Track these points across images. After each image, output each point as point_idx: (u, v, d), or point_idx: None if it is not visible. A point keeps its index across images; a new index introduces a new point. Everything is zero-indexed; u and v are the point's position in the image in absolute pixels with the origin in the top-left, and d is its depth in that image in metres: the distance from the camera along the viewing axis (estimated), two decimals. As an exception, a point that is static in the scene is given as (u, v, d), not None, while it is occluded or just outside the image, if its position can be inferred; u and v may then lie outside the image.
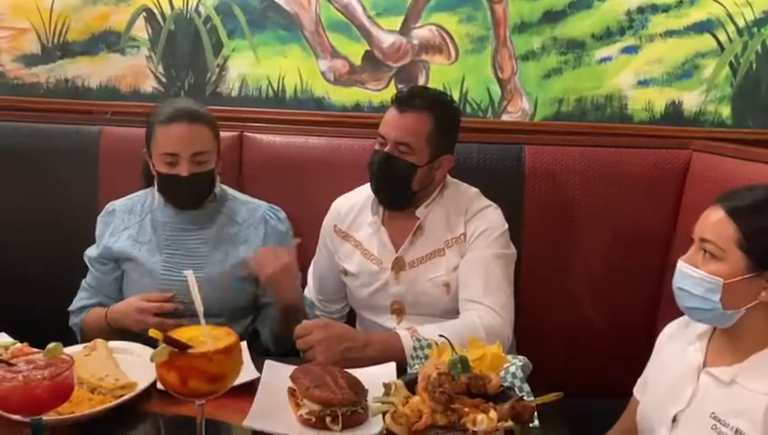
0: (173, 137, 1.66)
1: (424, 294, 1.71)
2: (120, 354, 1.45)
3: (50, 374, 1.01)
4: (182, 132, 1.67)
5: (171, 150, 1.66)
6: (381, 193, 1.72)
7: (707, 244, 1.19)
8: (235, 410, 1.24)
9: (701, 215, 1.25)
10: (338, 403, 1.19)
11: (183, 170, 1.66)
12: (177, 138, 1.66)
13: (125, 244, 1.76)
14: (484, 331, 1.51)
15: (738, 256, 1.16)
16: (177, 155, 1.66)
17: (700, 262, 1.21)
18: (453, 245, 1.70)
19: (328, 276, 1.90)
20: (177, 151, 1.66)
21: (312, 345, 1.45)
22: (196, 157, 1.67)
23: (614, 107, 2.19)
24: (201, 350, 1.04)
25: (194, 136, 1.68)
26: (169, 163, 1.67)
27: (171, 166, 1.67)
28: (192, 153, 1.67)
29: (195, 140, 1.68)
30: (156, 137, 1.69)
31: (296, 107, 2.23)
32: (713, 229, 1.19)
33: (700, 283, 1.19)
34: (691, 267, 1.21)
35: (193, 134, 1.68)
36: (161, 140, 1.68)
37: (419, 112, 1.66)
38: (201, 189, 1.73)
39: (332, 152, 2.10)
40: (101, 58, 2.27)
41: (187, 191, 1.71)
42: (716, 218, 1.19)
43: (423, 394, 0.98)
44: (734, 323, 1.19)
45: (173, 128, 1.67)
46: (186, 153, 1.66)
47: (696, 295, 1.20)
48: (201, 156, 1.68)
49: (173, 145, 1.66)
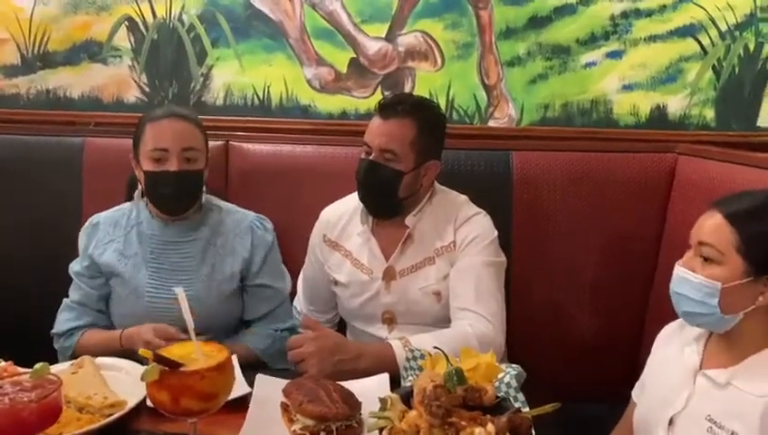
0: (163, 132, 1.66)
1: (415, 303, 1.70)
2: (107, 371, 1.42)
3: (37, 396, 0.99)
4: (173, 127, 1.66)
5: (161, 145, 1.64)
6: (368, 201, 1.72)
7: (706, 248, 1.19)
8: (228, 426, 1.22)
9: (691, 221, 1.26)
10: (332, 418, 1.17)
11: (172, 166, 1.64)
12: (167, 133, 1.65)
13: (111, 257, 1.73)
14: (477, 340, 1.50)
15: (737, 260, 1.16)
16: (166, 150, 1.64)
17: (698, 266, 1.21)
18: (443, 253, 1.70)
19: (317, 287, 1.88)
20: (166, 146, 1.64)
21: (305, 358, 1.44)
22: (186, 152, 1.66)
23: (600, 112, 2.20)
24: (193, 368, 1.02)
25: (184, 132, 1.67)
26: (158, 160, 1.65)
27: (160, 163, 1.65)
28: (182, 148, 1.65)
29: (185, 135, 1.67)
30: (145, 135, 1.67)
31: (282, 115, 2.22)
32: (711, 233, 1.19)
33: (698, 287, 1.19)
34: (689, 272, 1.21)
35: (183, 130, 1.67)
36: (151, 136, 1.66)
37: (402, 119, 1.65)
38: (189, 189, 1.70)
39: (320, 160, 2.09)
40: (83, 68, 2.24)
41: (176, 189, 1.67)
42: (715, 223, 1.20)
43: (419, 408, 0.97)
44: (731, 326, 1.19)
45: (163, 123, 1.67)
46: (175, 148, 1.64)
47: (695, 300, 1.20)
48: (191, 152, 1.67)
49: (163, 140, 1.65)
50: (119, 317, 1.73)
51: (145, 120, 1.70)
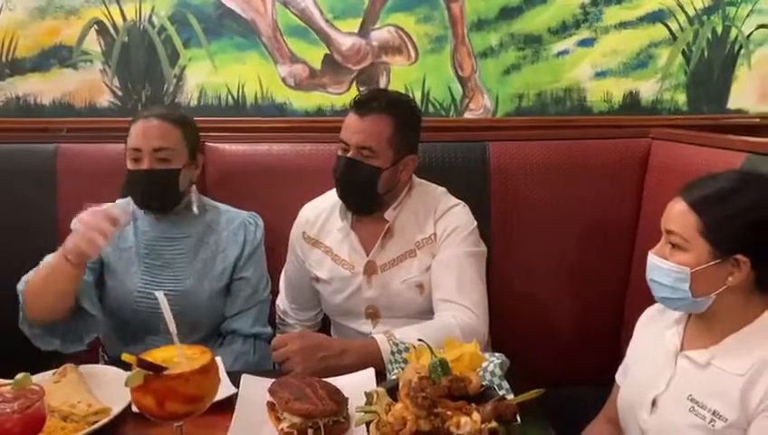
0: (138, 132, 1.68)
1: (397, 296, 1.71)
2: (91, 379, 1.41)
3: (20, 407, 0.98)
4: (148, 127, 1.68)
5: (134, 145, 1.68)
6: (347, 199, 1.72)
7: (673, 235, 1.23)
8: (215, 428, 1.21)
9: (666, 204, 1.28)
10: (319, 414, 1.17)
11: (143, 165, 1.67)
12: (140, 133, 1.68)
13: (106, 248, 1.72)
14: (460, 330, 1.51)
15: (702, 245, 1.19)
16: (140, 150, 1.67)
17: (668, 253, 1.24)
18: (423, 245, 1.71)
19: (299, 284, 1.88)
20: (139, 146, 1.67)
21: (289, 357, 1.44)
22: (157, 153, 1.67)
23: (573, 100, 2.22)
24: (177, 371, 1.01)
25: (158, 132, 1.69)
26: (134, 159, 1.68)
27: (135, 162, 1.68)
28: (153, 148, 1.67)
29: (158, 135, 1.68)
30: (130, 135, 1.70)
31: (257, 114, 2.21)
32: (676, 221, 1.22)
33: (669, 273, 1.22)
34: (660, 259, 1.25)
35: (158, 130, 1.69)
36: (131, 136, 1.69)
37: (379, 115, 1.65)
38: (160, 188, 1.71)
39: (297, 158, 2.08)
40: (53, 74, 2.21)
41: (146, 187, 1.69)
42: (679, 210, 1.23)
43: (405, 401, 0.97)
44: (707, 308, 1.22)
45: (140, 124, 1.69)
46: (147, 147, 1.67)
47: (667, 286, 1.23)
48: (163, 152, 1.68)
49: (137, 140, 1.68)
50: (107, 310, 1.73)
51: (132, 121, 1.74)
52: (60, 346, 1.63)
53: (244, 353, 1.74)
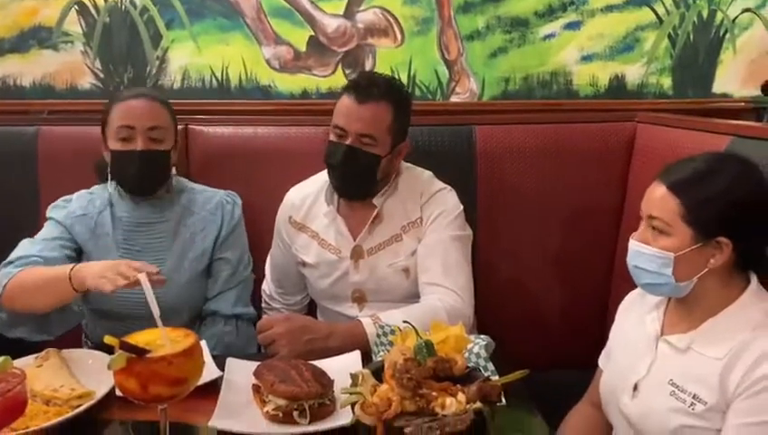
0: (130, 110, 1.66)
1: (384, 280, 1.71)
2: (74, 363, 1.40)
3: (0, 391, 0.96)
4: (139, 105, 1.66)
5: (127, 123, 1.64)
6: (344, 186, 1.70)
7: (654, 220, 1.22)
8: (199, 411, 1.21)
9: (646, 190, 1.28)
10: (304, 397, 1.17)
11: (138, 145, 1.64)
12: (134, 111, 1.65)
13: (82, 233, 1.70)
14: (446, 313, 1.51)
15: (684, 228, 1.18)
16: (133, 128, 1.64)
17: (650, 238, 1.23)
18: (410, 229, 1.70)
19: (286, 269, 1.87)
20: (132, 124, 1.64)
21: (275, 339, 1.43)
22: (152, 131, 1.65)
23: (560, 83, 2.22)
24: (160, 354, 1.01)
25: (151, 111, 1.67)
26: (124, 139, 1.65)
27: (126, 142, 1.65)
28: (148, 127, 1.65)
29: (152, 114, 1.67)
30: (112, 115, 1.67)
31: (242, 97, 2.19)
32: (657, 206, 1.21)
33: (652, 259, 1.22)
34: (642, 245, 1.24)
35: (150, 109, 1.67)
36: (117, 115, 1.66)
37: (378, 102, 1.63)
38: (155, 169, 1.69)
39: (282, 142, 2.06)
40: (33, 55, 2.17)
41: (142, 168, 1.66)
42: (659, 194, 1.22)
43: (390, 382, 0.97)
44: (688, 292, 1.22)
45: (130, 102, 1.67)
46: (141, 126, 1.64)
47: (650, 271, 1.23)
48: (157, 131, 1.66)
49: (129, 118, 1.65)
50: (89, 297, 1.70)
51: (112, 101, 1.70)
52: (26, 335, 1.60)
53: (226, 334, 1.72)
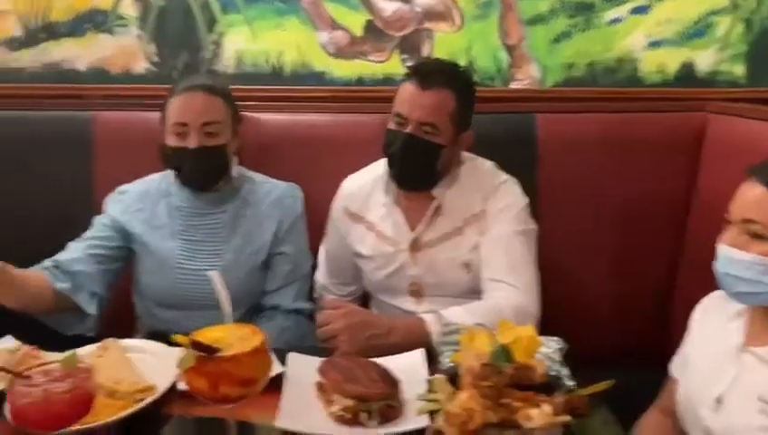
0: (184, 106, 1.63)
1: (443, 274, 1.65)
2: (133, 354, 1.38)
3: (70, 386, 0.95)
4: (193, 101, 1.63)
5: (181, 120, 1.62)
6: (403, 176, 1.64)
7: (753, 225, 1.12)
8: (261, 407, 1.16)
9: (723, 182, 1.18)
10: (373, 398, 1.13)
11: (191, 142, 1.62)
12: (187, 107, 1.63)
13: (139, 226, 1.70)
14: (512, 312, 1.45)
15: None
16: (186, 125, 1.62)
17: (746, 244, 1.13)
18: (472, 222, 1.64)
19: (340, 260, 1.83)
20: (186, 121, 1.62)
21: (335, 335, 1.39)
22: (205, 127, 1.63)
23: (625, 70, 2.12)
24: (230, 353, 0.97)
25: (205, 105, 1.64)
26: (179, 135, 1.63)
27: (181, 138, 1.63)
28: (202, 123, 1.62)
29: (205, 109, 1.64)
30: (168, 109, 1.65)
31: (296, 83, 2.13)
32: (756, 209, 1.12)
33: (750, 266, 1.12)
34: (737, 251, 1.14)
35: (204, 104, 1.64)
36: (172, 110, 1.64)
37: (442, 89, 1.57)
38: (210, 165, 1.67)
39: (336, 129, 2.02)
40: (89, 39, 2.15)
41: (195, 166, 1.65)
42: (757, 196, 1.12)
43: (471, 390, 0.92)
44: None
45: (184, 97, 1.64)
46: (195, 123, 1.62)
47: (747, 280, 1.13)
48: (211, 126, 1.64)
49: (183, 114, 1.62)
50: (147, 287, 1.71)
51: (170, 93, 1.68)
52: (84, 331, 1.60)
53: (285, 329, 1.70)
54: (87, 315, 1.59)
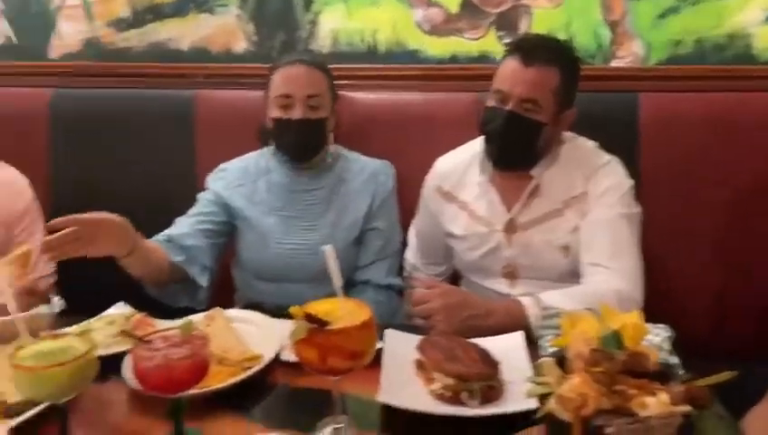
0: (289, 78, 1.70)
1: (540, 257, 1.62)
2: (237, 324, 1.43)
3: (188, 353, 0.99)
4: (298, 73, 1.70)
5: (286, 92, 1.68)
6: (502, 154, 1.62)
7: None
8: (361, 380, 1.17)
9: None
10: (473, 377, 1.13)
11: (296, 113, 1.68)
12: (292, 79, 1.69)
13: (240, 202, 1.77)
14: (614, 297, 1.40)
15: None
16: (291, 96, 1.68)
17: None
18: (572, 204, 1.60)
19: (430, 239, 1.83)
20: (291, 92, 1.68)
21: (431, 313, 1.39)
22: (309, 99, 1.69)
23: (737, 47, 1.98)
24: (340, 326, 0.99)
25: (309, 78, 1.70)
26: (284, 106, 1.69)
27: (285, 109, 1.69)
28: (306, 95, 1.68)
29: (310, 82, 1.70)
30: (273, 81, 1.71)
31: (390, 61, 2.13)
32: None
33: None
34: None
35: (308, 76, 1.71)
36: (277, 82, 1.70)
37: (546, 65, 1.53)
38: (312, 137, 1.73)
39: (429, 107, 2.02)
40: (191, 19, 2.21)
41: (298, 137, 1.71)
42: None
43: (583, 375, 0.90)
44: None
45: (289, 69, 1.70)
46: (300, 94, 1.67)
47: None
48: (315, 99, 1.69)
49: (288, 86, 1.69)
50: (247, 261, 1.78)
51: (273, 68, 1.74)
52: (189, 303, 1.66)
53: (377, 304, 1.71)
54: (197, 288, 1.66)
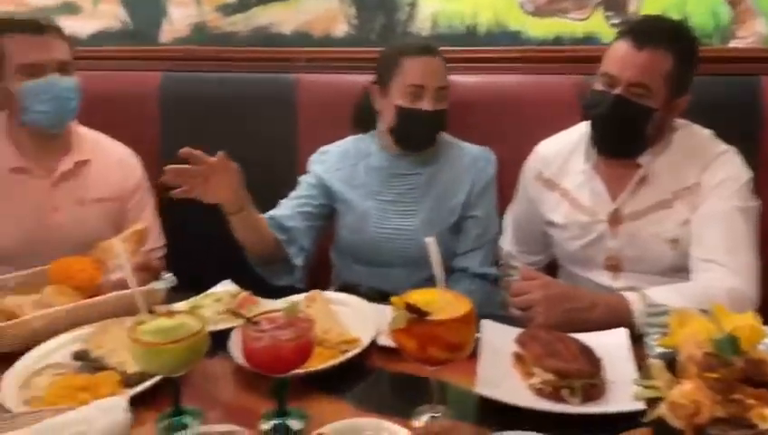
0: (423, 69, 1.69)
1: (646, 250, 1.55)
2: (335, 306, 1.47)
3: (293, 335, 1.02)
4: (431, 65, 1.70)
5: (420, 82, 1.68)
6: (608, 140, 1.56)
7: None
8: (457, 369, 1.16)
9: None
10: (574, 374, 1.10)
11: (426, 105, 1.68)
12: (426, 70, 1.69)
13: (339, 185, 1.80)
14: (726, 296, 1.33)
15: None
16: (423, 87, 1.68)
17: None
18: (684, 196, 1.52)
19: (528, 227, 1.79)
20: (425, 83, 1.68)
21: (531, 305, 1.37)
22: (439, 91, 1.69)
23: None
24: (440, 317, 0.99)
25: (441, 70, 1.71)
26: (414, 95, 1.68)
27: (414, 99, 1.68)
28: (438, 87, 1.69)
29: (442, 74, 1.71)
30: (402, 68, 1.69)
31: (490, 43, 2.08)
32: None
33: None
34: None
35: (440, 69, 1.71)
36: (409, 71, 1.69)
37: (658, 48, 1.46)
38: (437, 128, 1.75)
39: (530, 91, 1.97)
40: (293, 3, 2.25)
41: (426, 128, 1.72)
42: None
43: (697, 380, 0.86)
44: None
45: (422, 60, 1.69)
46: (432, 85, 1.68)
47: None
48: (443, 91, 1.71)
49: (422, 77, 1.68)
50: (345, 244, 1.82)
51: (397, 53, 1.72)
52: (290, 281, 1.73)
53: (471, 293, 1.70)
54: (294, 268, 1.71)
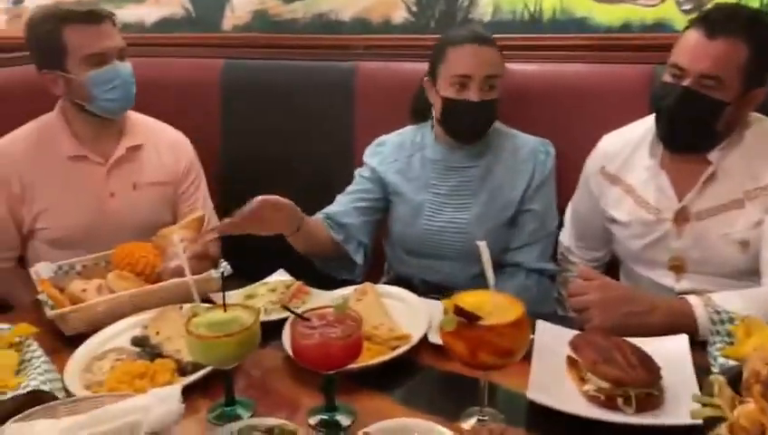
0: (467, 58, 1.64)
1: (713, 251, 1.48)
2: (386, 299, 1.46)
3: (343, 334, 1.02)
4: (477, 54, 1.64)
5: (464, 72, 1.63)
6: (675, 135, 1.48)
7: None
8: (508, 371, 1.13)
9: None
10: (630, 383, 1.07)
11: (473, 95, 1.63)
12: (471, 59, 1.63)
13: (394, 177, 1.79)
14: (802, 306, 1.25)
15: None
16: (469, 77, 1.63)
17: None
18: (757, 196, 1.43)
19: (589, 222, 1.74)
20: (470, 73, 1.63)
21: (588, 307, 1.33)
22: (487, 81, 1.64)
23: None
24: (491, 322, 0.97)
25: (488, 59, 1.65)
26: (459, 86, 1.64)
27: (461, 89, 1.64)
28: (485, 75, 1.63)
29: (489, 63, 1.64)
30: (447, 59, 1.66)
31: (554, 30, 2.01)
32: None
33: None
34: None
35: (489, 57, 1.65)
36: (454, 62, 1.65)
37: (733, 39, 1.37)
38: (486, 119, 1.70)
39: (595, 80, 1.89)
40: (352, -11, 2.24)
41: (474, 119, 1.67)
42: None
43: (761, 401, 0.81)
44: None
45: (467, 49, 1.64)
46: (478, 75, 1.63)
47: None
48: (492, 80, 1.65)
49: (467, 67, 1.63)
50: (399, 236, 1.80)
51: (445, 42, 1.68)
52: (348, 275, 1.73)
53: (526, 288, 1.68)
54: (355, 264, 1.73)
